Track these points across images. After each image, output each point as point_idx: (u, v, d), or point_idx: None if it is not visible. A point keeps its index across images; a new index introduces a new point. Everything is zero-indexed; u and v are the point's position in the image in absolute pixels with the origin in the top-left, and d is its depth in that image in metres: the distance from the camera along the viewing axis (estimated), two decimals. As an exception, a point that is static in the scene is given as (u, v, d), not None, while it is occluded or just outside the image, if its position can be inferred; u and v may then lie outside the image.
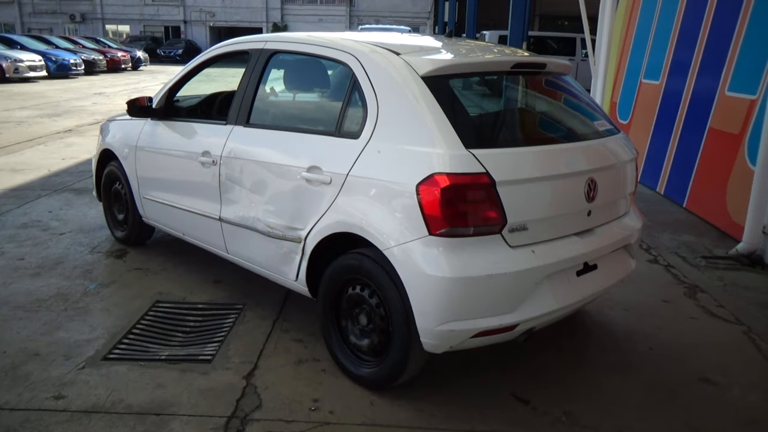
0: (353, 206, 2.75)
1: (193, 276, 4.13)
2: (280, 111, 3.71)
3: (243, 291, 3.89)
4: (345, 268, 2.85)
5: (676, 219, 5.76)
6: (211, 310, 3.66)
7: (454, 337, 2.53)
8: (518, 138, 3.03)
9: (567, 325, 3.52)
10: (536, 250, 2.61)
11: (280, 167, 3.12)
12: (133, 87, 18.18)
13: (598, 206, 2.89)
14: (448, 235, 2.47)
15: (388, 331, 2.73)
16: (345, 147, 2.83)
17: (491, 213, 2.51)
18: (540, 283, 2.61)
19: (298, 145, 3.08)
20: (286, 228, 3.09)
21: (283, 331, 3.41)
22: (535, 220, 2.63)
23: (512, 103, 3.35)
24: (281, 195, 3.13)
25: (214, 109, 4.20)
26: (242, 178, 3.34)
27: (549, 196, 2.69)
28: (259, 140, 3.31)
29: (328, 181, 2.85)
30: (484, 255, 2.50)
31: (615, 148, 3.11)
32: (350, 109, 2.91)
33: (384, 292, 2.67)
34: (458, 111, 2.74)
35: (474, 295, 2.49)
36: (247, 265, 3.51)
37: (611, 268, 3.02)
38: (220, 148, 3.45)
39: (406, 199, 2.54)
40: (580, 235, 2.84)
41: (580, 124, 3.22)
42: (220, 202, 3.50)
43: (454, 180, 2.45)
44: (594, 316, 3.73)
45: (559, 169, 2.74)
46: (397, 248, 2.55)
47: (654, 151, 6.90)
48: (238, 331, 3.38)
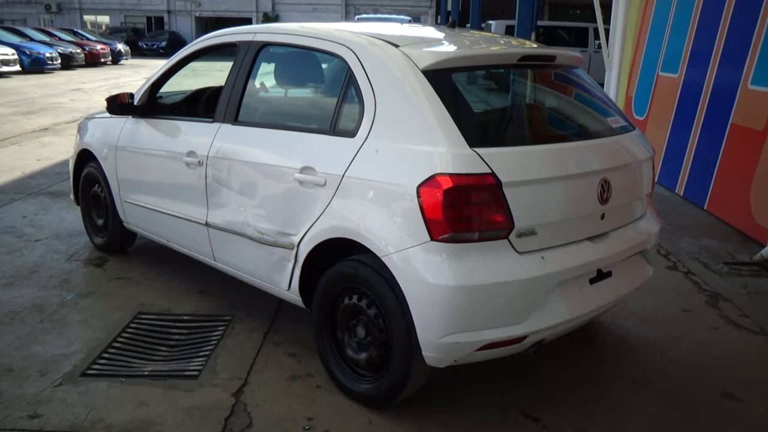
0: (349, 210, 2.75)
1: (177, 285, 4.13)
2: (271, 108, 3.72)
3: (231, 301, 3.89)
4: (341, 277, 2.85)
5: (696, 222, 5.77)
6: (197, 322, 3.65)
7: (459, 350, 2.53)
8: (526, 136, 3.03)
9: (580, 337, 3.52)
10: (546, 256, 2.62)
11: (270, 168, 3.12)
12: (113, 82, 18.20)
13: (613, 209, 2.89)
14: (452, 240, 2.47)
15: (387, 344, 2.73)
16: (340, 146, 2.84)
17: (497, 216, 2.51)
18: (550, 292, 2.61)
19: (290, 145, 3.09)
20: (277, 233, 3.09)
21: (274, 344, 3.40)
22: (544, 224, 2.63)
23: (519, 99, 3.35)
24: (272, 198, 3.13)
25: (200, 106, 4.20)
26: (230, 179, 3.34)
27: (559, 198, 2.70)
28: (248, 139, 3.31)
29: (322, 183, 2.85)
30: (490, 262, 2.50)
31: (630, 146, 3.12)
32: (346, 106, 2.91)
33: (383, 302, 2.67)
34: (461, 107, 2.74)
35: (479, 305, 2.49)
36: (235, 273, 3.51)
37: (627, 276, 3.02)
38: (206, 148, 3.45)
39: (406, 201, 2.54)
40: (593, 240, 2.85)
41: (593, 120, 3.23)
42: (207, 206, 3.51)
43: (458, 181, 2.45)
44: (609, 327, 3.73)
45: (570, 169, 2.74)
46: (397, 255, 2.55)
47: (672, 149, 6.91)
48: (227, 345, 3.38)
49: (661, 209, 5.65)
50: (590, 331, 3.64)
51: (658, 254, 4.77)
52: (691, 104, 6.63)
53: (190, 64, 4.01)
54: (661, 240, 4.98)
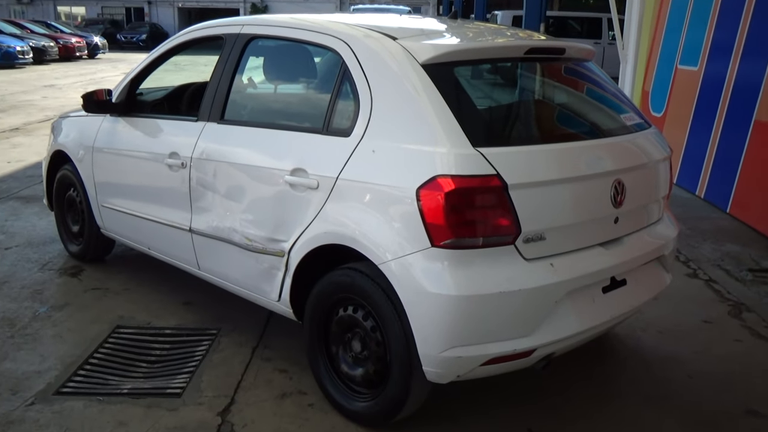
0: (344, 214, 2.77)
1: (159, 297, 4.14)
2: (260, 105, 3.73)
3: (217, 314, 3.90)
4: (335, 286, 2.86)
5: (718, 226, 5.78)
6: (180, 336, 3.66)
7: (462, 365, 2.54)
8: (534, 134, 3.05)
9: (592, 351, 3.53)
10: (555, 264, 2.63)
11: (259, 170, 3.13)
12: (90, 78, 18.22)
13: (627, 212, 2.91)
14: (454, 246, 2.48)
15: (385, 358, 2.74)
16: (334, 146, 2.85)
17: (503, 221, 2.53)
18: (560, 302, 2.62)
19: (280, 145, 3.10)
20: (266, 240, 3.10)
21: (264, 359, 3.41)
22: (553, 229, 2.64)
23: (527, 95, 3.37)
24: (261, 202, 3.14)
25: (183, 104, 4.22)
26: (216, 182, 3.35)
27: (569, 201, 2.71)
28: (235, 139, 3.32)
29: (314, 186, 2.87)
30: (496, 269, 2.51)
31: (646, 144, 3.14)
32: (340, 103, 2.93)
33: (380, 313, 2.69)
34: (464, 104, 2.76)
35: (484, 316, 2.50)
36: (221, 283, 3.51)
37: (643, 284, 3.04)
38: (190, 149, 3.47)
39: (405, 205, 2.56)
40: (606, 245, 2.86)
41: (606, 117, 3.25)
42: (191, 211, 3.52)
43: (460, 183, 2.47)
44: (624, 339, 3.74)
45: (581, 170, 2.76)
46: (395, 262, 2.57)
47: (692, 147, 6.94)
48: (212, 360, 3.39)
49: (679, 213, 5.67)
50: (604, 345, 3.65)
51: (676, 261, 4.79)
52: (712, 99, 6.65)
53: (172, 58, 4.02)
54: (680, 245, 5.00)
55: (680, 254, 5.01)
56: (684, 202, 6.42)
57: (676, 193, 6.58)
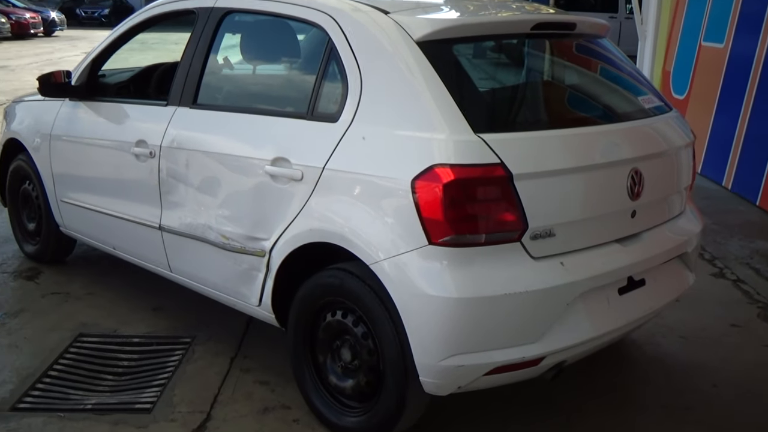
0: (331, 209, 2.77)
1: (126, 302, 4.14)
2: (237, 88, 3.73)
3: (191, 320, 3.90)
4: (322, 289, 2.87)
5: (747, 221, 5.81)
6: (150, 345, 3.66)
7: (463, 375, 2.56)
8: (542, 119, 3.06)
9: (607, 359, 3.55)
10: (566, 262, 2.64)
11: (236, 160, 3.13)
12: (47, 58, 18.12)
13: (645, 205, 2.92)
14: (453, 243, 2.49)
15: (378, 368, 2.75)
16: (320, 133, 2.85)
17: (508, 215, 2.53)
18: (572, 305, 2.63)
19: (259, 132, 3.10)
20: (245, 238, 3.11)
21: (243, 370, 3.42)
22: (564, 224, 2.66)
23: (534, 75, 3.38)
24: (239, 196, 3.15)
25: (151, 87, 4.21)
26: (188, 174, 3.35)
27: (582, 192, 2.73)
28: (209, 125, 3.32)
29: (298, 177, 2.87)
30: (500, 269, 2.52)
31: (666, 130, 3.15)
32: (326, 85, 2.93)
33: (372, 318, 2.69)
34: (465, 85, 2.77)
35: (487, 321, 2.51)
36: (195, 286, 3.52)
37: (663, 284, 3.05)
38: (159, 136, 3.46)
39: (399, 198, 2.56)
40: (623, 242, 2.88)
41: (622, 100, 3.26)
42: (161, 206, 3.52)
43: (460, 173, 2.48)
44: (642, 345, 3.76)
45: (595, 158, 2.77)
46: (388, 262, 2.57)
47: (718, 133, 6.96)
48: (186, 372, 3.39)
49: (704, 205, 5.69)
50: (620, 351, 3.67)
51: (700, 259, 4.81)
52: (739, 80, 6.67)
53: (138, 35, 4.01)
54: (705, 242, 5.02)
55: (705, 251, 5.03)
56: (709, 194, 6.45)
57: (700, 184, 6.60)
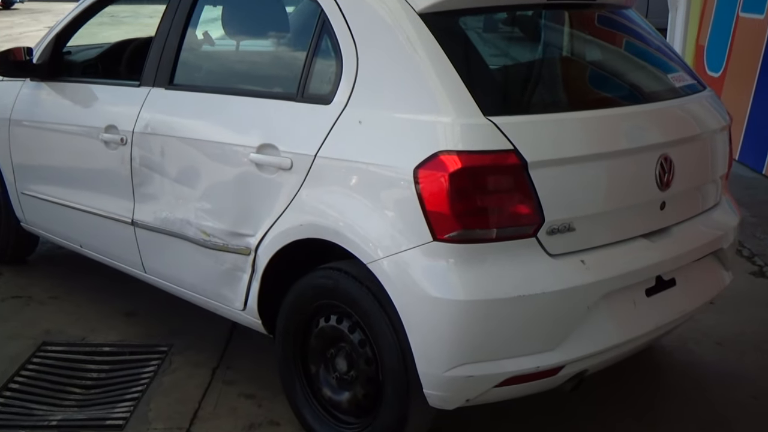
0: (324, 201, 2.77)
1: (96, 306, 4.13)
2: (218, 66, 3.73)
3: (168, 326, 3.90)
4: (314, 291, 2.87)
5: (790, 212, 5.80)
6: (122, 354, 3.66)
7: (472, 387, 2.55)
8: (560, 100, 3.05)
9: (634, 367, 3.55)
10: (588, 260, 2.64)
11: (218, 147, 3.13)
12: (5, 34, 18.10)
13: (676, 196, 2.92)
14: (461, 240, 2.49)
15: (377, 379, 2.75)
16: (311, 116, 2.85)
17: (522, 207, 2.53)
18: (594, 307, 2.63)
19: (244, 115, 3.10)
20: (228, 234, 3.10)
21: (226, 383, 3.42)
22: (585, 217, 2.65)
23: (552, 51, 3.38)
24: (221, 187, 3.14)
25: (122, 65, 4.21)
26: (164, 163, 3.35)
27: (605, 182, 2.72)
28: (187, 108, 3.32)
29: (287, 166, 2.87)
30: (513, 268, 2.52)
31: (699, 111, 3.15)
32: (318, 62, 2.92)
33: (370, 324, 2.69)
34: (473, 62, 2.76)
35: (499, 326, 2.51)
36: (173, 288, 3.52)
37: (696, 285, 3.05)
38: (131, 121, 3.46)
39: (400, 189, 2.56)
40: (651, 237, 2.87)
41: (649, 78, 3.25)
42: (133, 199, 3.52)
43: (468, 161, 2.47)
44: (673, 353, 3.76)
45: (619, 144, 2.76)
46: (388, 260, 2.57)
47: (757, 115, 6.95)
48: (163, 384, 3.39)
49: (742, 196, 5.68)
50: (648, 360, 3.66)
51: (738, 256, 4.80)
52: (782, 55, 6.65)
53: (108, 7, 3.99)
54: (742, 236, 5.01)
55: (742, 247, 5.03)
56: (748, 183, 6.44)
57: (738, 172, 6.59)
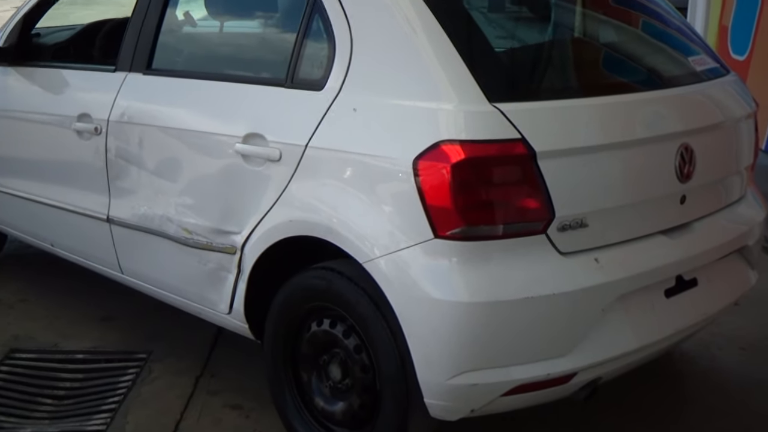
0: (316, 196, 2.77)
1: (69, 310, 4.14)
2: (200, 49, 3.72)
3: (147, 332, 3.90)
4: (305, 293, 2.87)
5: (821, 207, 5.81)
6: (98, 362, 3.67)
7: (477, 396, 2.56)
8: (572, 85, 3.05)
9: (652, 375, 3.55)
10: (602, 259, 2.64)
11: (201, 137, 3.13)
12: (-31, 15, 18.07)
13: (697, 188, 2.92)
14: (465, 237, 2.49)
15: (374, 388, 2.75)
16: (302, 103, 2.85)
17: (531, 202, 2.53)
18: (609, 310, 2.63)
19: (228, 102, 3.10)
20: (212, 232, 3.10)
21: (210, 393, 3.42)
22: (599, 212, 2.65)
23: (562, 32, 3.37)
24: (204, 180, 3.15)
25: (96, 48, 4.21)
26: (142, 154, 3.35)
27: (620, 174, 2.72)
28: (167, 95, 3.32)
29: (275, 157, 2.87)
30: (521, 267, 2.52)
31: (722, 97, 3.15)
32: (309, 45, 2.92)
33: (366, 328, 2.69)
34: (478, 44, 2.76)
35: (506, 330, 2.51)
36: (152, 290, 3.52)
37: (719, 285, 3.06)
38: (106, 109, 3.46)
39: (399, 182, 2.56)
40: (670, 233, 2.87)
41: (668, 61, 3.25)
42: (109, 194, 3.52)
43: (472, 151, 2.47)
44: (695, 360, 3.77)
45: (636, 132, 2.77)
46: (386, 259, 2.57)
47: (786, 101, 6.95)
48: (142, 394, 3.40)
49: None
50: (667, 367, 3.67)
51: (764, 253, 4.81)
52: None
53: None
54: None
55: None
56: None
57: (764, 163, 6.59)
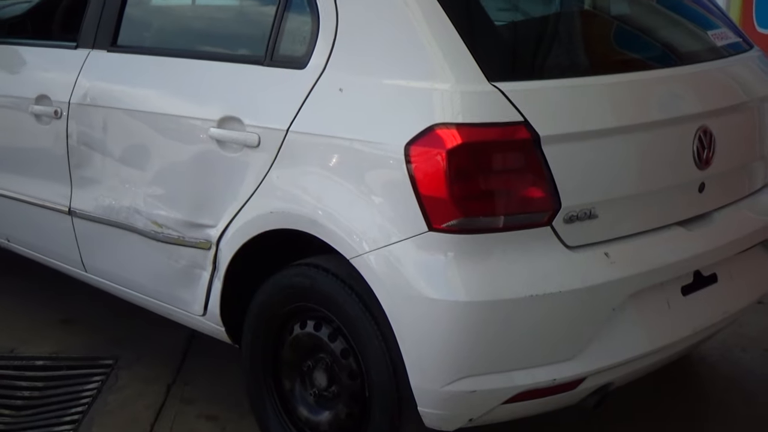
0: (298, 185, 2.77)
1: (26, 312, 4.14)
2: (170, 24, 3.70)
3: (113, 336, 3.90)
4: (287, 292, 2.87)
5: None
6: (59, 369, 3.67)
7: (476, 404, 2.56)
8: (579, 62, 3.04)
9: (668, 379, 3.56)
10: (612, 253, 2.64)
11: (171, 121, 3.13)
12: None
13: (718, 175, 2.92)
14: (462, 229, 2.48)
15: (362, 396, 2.75)
16: (282, 83, 2.85)
17: (534, 190, 2.53)
18: (620, 309, 2.64)
19: (201, 82, 3.09)
20: (184, 225, 3.10)
21: (184, 401, 3.43)
22: (609, 202, 2.65)
23: (570, 3, 3.37)
24: (175, 168, 3.14)
25: (55, 23, 4.21)
26: (107, 140, 3.35)
27: (633, 159, 2.73)
28: (134, 75, 3.32)
29: (254, 143, 2.86)
30: (524, 263, 2.52)
31: (745, 75, 3.16)
32: (290, 18, 2.91)
33: (354, 330, 2.69)
34: (476, 17, 2.75)
35: (508, 332, 2.51)
36: (118, 290, 3.52)
37: (742, 281, 3.07)
38: (67, 90, 3.45)
39: (390, 170, 2.55)
40: (688, 225, 2.88)
41: (686, 36, 3.26)
42: (71, 183, 3.51)
43: (470, 135, 2.46)
44: (715, 362, 3.78)
45: (650, 114, 2.76)
46: (375, 255, 2.57)
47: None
48: (108, 404, 3.40)
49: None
50: (685, 370, 3.68)
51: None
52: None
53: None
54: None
55: (797, 237, 5.05)
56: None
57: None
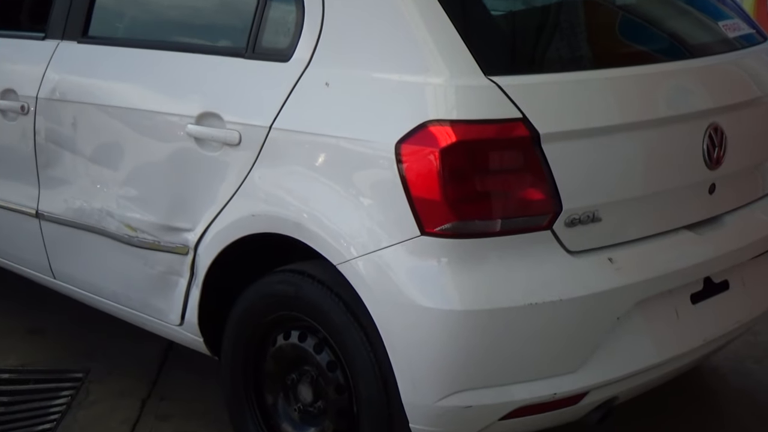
0: (282, 186, 2.77)
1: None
2: (146, 14, 3.69)
3: (84, 347, 3.90)
4: (270, 301, 2.87)
5: None
6: (26, 382, 3.67)
7: (472, 420, 2.56)
8: (582, 55, 3.04)
9: (677, 393, 3.56)
10: (617, 258, 2.64)
11: (146, 117, 3.12)
12: None
13: (729, 176, 2.93)
14: (456, 233, 2.48)
15: (350, 412, 2.75)
16: (265, 77, 2.85)
17: (533, 192, 2.53)
18: (626, 318, 2.64)
19: (178, 76, 3.09)
20: (160, 229, 3.10)
21: (159, 417, 3.42)
22: (613, 204, 2.65)
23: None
24: (150, 168, 3.14)
25: (22, 12, 4.20)
26: (77, 138, 3.34)
27: (639, 159, 2.73)
28: (106, 68, 3.32)
29: (234, 141, 2.86)
30: (523, 269, 2.52)
31: (759, 69, 3.16)
32: (273, 6, 2.91)
33: (342, 341, 2.69)
34: (471, 7, 2.75)
35: (505, 343, 2.51)
36: (90, 298, 3.52)
37: (755, 288, 3.08)
38: (34, 84, 3.45)
39: (379, 169, 2.56)
40: (697, 229, 2.88)
41: (695, 27, 3.26)
42: (38, 184, 3.51)
43: (465, 133, 2.46)
44: (726, 374, 3.79)
45: (657, 111, 2.77)
46: (364, 260, 2.57)
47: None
48: (78, 420, 3.39)
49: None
50: (695, 383, 3.69)
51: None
52: None
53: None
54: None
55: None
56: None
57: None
